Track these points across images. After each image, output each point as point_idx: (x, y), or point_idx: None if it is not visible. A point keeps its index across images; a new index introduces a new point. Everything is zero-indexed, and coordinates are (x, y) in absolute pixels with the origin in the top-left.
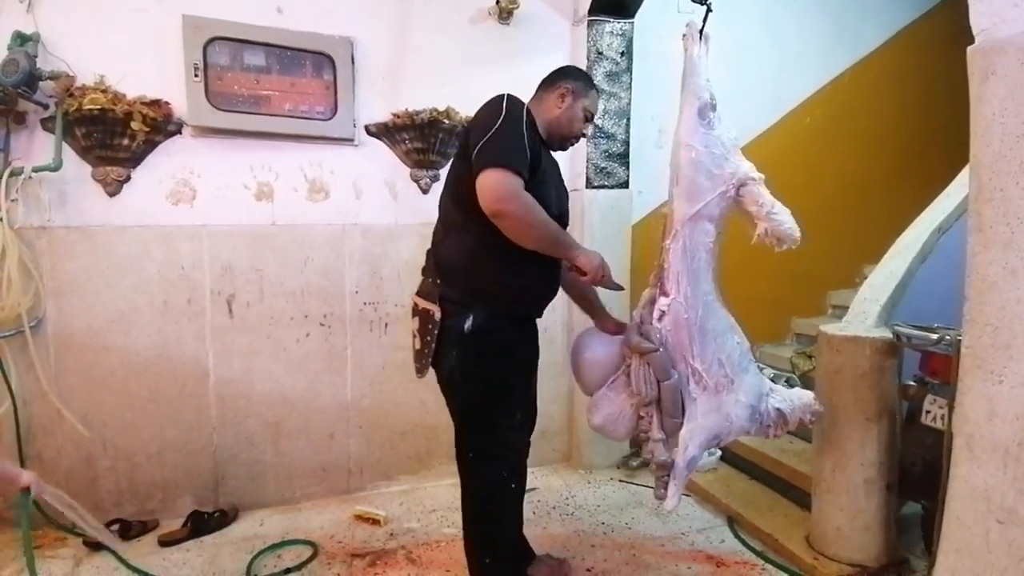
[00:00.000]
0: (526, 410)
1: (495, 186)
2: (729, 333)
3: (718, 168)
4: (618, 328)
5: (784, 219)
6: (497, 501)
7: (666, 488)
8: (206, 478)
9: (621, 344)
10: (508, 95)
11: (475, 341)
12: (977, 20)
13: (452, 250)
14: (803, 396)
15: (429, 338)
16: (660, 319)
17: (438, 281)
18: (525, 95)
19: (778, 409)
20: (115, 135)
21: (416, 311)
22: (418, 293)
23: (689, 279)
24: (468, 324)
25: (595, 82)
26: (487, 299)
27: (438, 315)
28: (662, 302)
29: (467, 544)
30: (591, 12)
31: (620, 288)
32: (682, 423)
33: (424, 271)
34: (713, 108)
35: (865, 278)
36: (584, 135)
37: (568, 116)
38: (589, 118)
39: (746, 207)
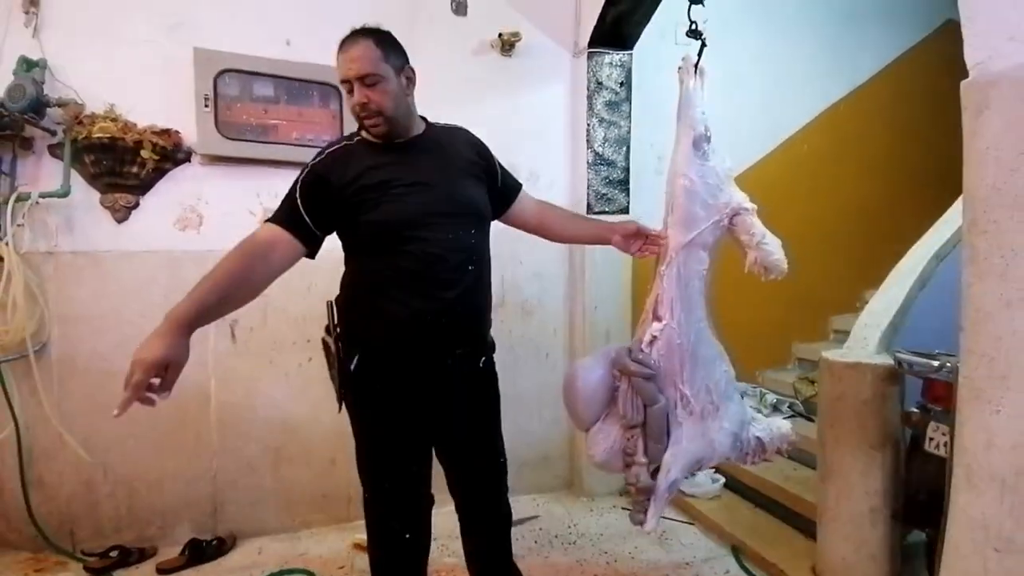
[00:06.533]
0: (456, 469)
1: None
2: (718, 360)
3: (712, 198)
4: (630, 231)
5: (773, 250)
6: (389, 551)
7: (645, 513)
8: (205, 505)
9: (611, 367)
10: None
11: (361, 383)
12: (972, 54)
13: (340, 285)
14: (781, 426)
15: (333, 371)
16: (651, 344)
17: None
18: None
19: (758, 438)
20: (124, 163)
21: (323, 342)
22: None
23: (683, 305)
24: (354, 364)
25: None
26: (365, 339)
27: (333, 348)
28: (654, 327)
29: None
30: (591, 44)
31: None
32: (667, 448)
33: None
34: (708, 140)
35: (866, 303)
36: (357, 107)
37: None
38: (350, 90)
39: (738, 236)
